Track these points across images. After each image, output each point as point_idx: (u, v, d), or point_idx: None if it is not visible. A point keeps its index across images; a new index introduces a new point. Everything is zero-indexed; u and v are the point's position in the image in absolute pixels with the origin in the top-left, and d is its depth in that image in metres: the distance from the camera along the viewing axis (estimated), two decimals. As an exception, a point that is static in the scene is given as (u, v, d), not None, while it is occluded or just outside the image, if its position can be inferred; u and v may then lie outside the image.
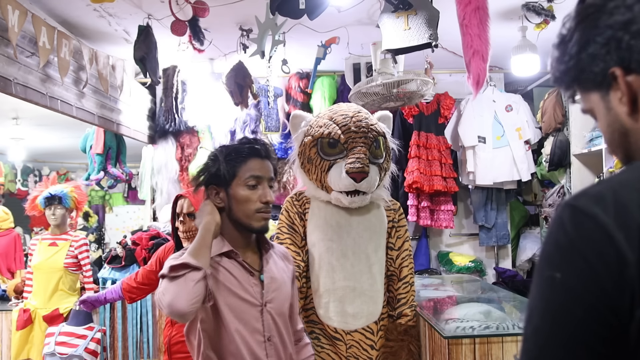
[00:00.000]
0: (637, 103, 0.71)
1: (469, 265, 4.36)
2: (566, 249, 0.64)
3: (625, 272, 0.59)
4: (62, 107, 3.14)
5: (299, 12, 2.75)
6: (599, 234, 0.61)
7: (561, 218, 0.65)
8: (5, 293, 4.02)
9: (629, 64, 0.70)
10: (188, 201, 2.41)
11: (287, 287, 1.65)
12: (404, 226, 2.49)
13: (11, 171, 7.15)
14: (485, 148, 4.27)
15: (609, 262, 0.60)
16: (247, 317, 1.52)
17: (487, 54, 2.64)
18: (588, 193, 0.65)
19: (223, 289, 1.51)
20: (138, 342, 3.72)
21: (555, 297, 0.63)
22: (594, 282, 0.60)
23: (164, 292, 1.37)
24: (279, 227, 2.43)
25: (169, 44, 3.55)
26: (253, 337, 1.52)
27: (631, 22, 0.69)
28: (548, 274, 0.64)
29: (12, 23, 2.41)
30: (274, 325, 1.56)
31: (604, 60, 0.72)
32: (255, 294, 1.54)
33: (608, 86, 0.73)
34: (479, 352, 2.24)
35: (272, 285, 1.59)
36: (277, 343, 1.56)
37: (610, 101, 0.74)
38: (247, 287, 1.54)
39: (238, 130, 4.46)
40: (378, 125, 2.40)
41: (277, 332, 1.57)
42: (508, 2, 3.23)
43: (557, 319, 0.63)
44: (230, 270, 1.54)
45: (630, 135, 0.73)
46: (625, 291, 0.59)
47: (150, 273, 2.60)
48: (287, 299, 1.64)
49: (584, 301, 0.61)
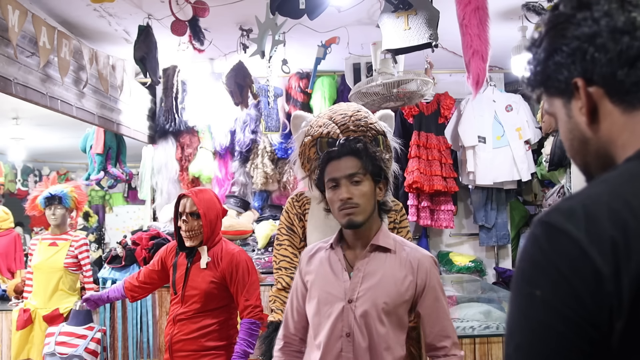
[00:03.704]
0: (597, 114, 0.73)
1: (469, 265, 4.36)
2: (542, 266, 0.64)
3: (603, 287, 0.59)
4: (62, 107, 3.14)
5: (299, 12, 2.75)
6: (573, 250, 0.61)
7: (535, 235, 0.66)
8: (5, 293, 4.02)
9: (591, 76, 0.72)
10: (191, 200, 2.41)
11: (386, 288, 1.60)
12: (406, 227, 2.48)
13: (11, 171, 7.16)
14: (485, 148, 4.27)
15: (585, 278, 0.60)
16: (327, 309, 1.62)
17: (487, 54, 2.64)
18: (560, 209, 0.66)
19: (316, 278, 1.67)
20: (138, 342, 3.72)
21: (535, 314, 0.64)
22: (573, 297, 0.61)
23: None
24: (278, 229, 2.43)
25: (169, 44, 3.55)
26: (332, 330, 1.60)
27: (597, 35, 0.71)
28: (527, 292, 0.65)
29: (12, 23, 2.42)
30: (357, 323, 1.58)
31: (569, 69, 0.74)
32: (341, 289, 1.62)
33: (570, 94, 0.76)
34: (479, 352, 2.24)
35: (362, 284, 1.61)
36: (359, 341, 1.58)
37: (572, 109, 0.76)
38: (335, 280, 1.64)
39: (238, 130, 4.46)
40: (378, 124, 2.39)
41: (360, 332, 1.58)
42: (508, 2, 3.23)
43: (538, 336, 0.63)
44: (328, 262, 1.69)
45: (589, 144, 0.76)
46: (603, 305, 0.59)
47: (152, 272, 2.60)
48: (380, 299, 1.59)
49: (564, 317, 0.61)
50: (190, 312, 2.40)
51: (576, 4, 0.74)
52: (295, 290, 1.78)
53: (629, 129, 0.71)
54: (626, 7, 0.71)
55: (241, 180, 4.49)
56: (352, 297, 1.60)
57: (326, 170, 1.67)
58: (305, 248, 1.84)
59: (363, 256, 1.65)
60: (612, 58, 0.70)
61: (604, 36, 0.71)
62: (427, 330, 1.66)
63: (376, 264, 1.63)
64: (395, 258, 1.65)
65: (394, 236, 1.70)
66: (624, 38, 0.70)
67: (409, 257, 1.66)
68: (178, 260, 2.49)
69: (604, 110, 0.73)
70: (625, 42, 0.70)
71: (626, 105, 0.71)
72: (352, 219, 1.61)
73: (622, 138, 0.72)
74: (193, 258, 2.45)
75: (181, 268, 2.46)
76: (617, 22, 0.70)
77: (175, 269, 2.48)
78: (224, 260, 2.42)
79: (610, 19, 0.71)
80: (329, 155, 1.68)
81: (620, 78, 0.70)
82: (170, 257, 2.55)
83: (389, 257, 1.64)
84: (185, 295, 2.41)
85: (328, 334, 1.60)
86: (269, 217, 4.29)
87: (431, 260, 1.68)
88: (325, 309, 1.62)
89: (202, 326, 2.39)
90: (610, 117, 0.72)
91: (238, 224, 4.07)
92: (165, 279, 2.60)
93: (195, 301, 2.40)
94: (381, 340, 1.59)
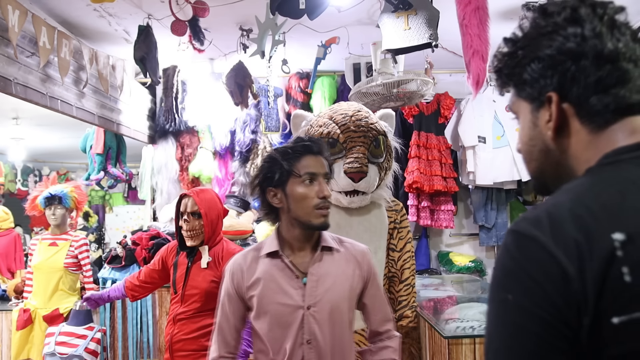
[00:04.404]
0: (564, 130, 0.76)
1: (469, 265, 4.36)
2: (514, 272, 0.67)
3: (570, 285, 0.63)
4: (62, 107, 3.14)
5: (299, 12, 2.75)
6: (541, 253, 0.65)
7: (506, 244, 0.69)
8: (5, 293, 4.02)
9: (566, 93, 0.74)
10: (192, 200, 2.41)
11: (340, 287, 1.59)
12: (406, 227, 2.48)
13: (11, 171, 7.15)
14: (485, 148, 4.27)
15: (553, 278, 0.63)
16: (285, 320, 1.53)
17: (487, 54, 2.63)
18: (527, 218, 0.69)
19: (265, 292, 1.54)
20: (138, 342, 3.72)
21: (511, 317, 0.66)
22: (543, 298, 0.64)
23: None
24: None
25: (169, 44, 3.55)
26: (294, 340, 1.52)
27: (582, 56, 0.73)
28: (501, 297, 0.68)
29: (12, 23, 2.41)
30: (319, 327, 1.54)
31: (545, 80, 0.76)
32: (298, 297, 1.54)
33: (540, 104, 0.78)
34: (479, 352, 2.24)
35: (318, 287, 1.56)
36: (320, 346, 1.54)
37: (539, 118, 0.78)
38: (288, 289, 1.55)
39: (238, 130, 4.46)
40: (378, 124, 2.39)
41: (323, 336, 1.54)
42: (508, 2, 3.23)
43: (515, 338, 0.66)
44: (273, 273, 1.56)
45: (550, 155, 0.79)
46: (572, 303, 0.63)
47: (152, 272, 2.61)
48: (340, 300, 1.59)
49: (537, 318, 0.64)
50: (190, 311, 2.40)
51: (569, 17, 0.75)
52: (226, 306, 1.62)
53: (594, 147, 0.74)
54: (615, 33, 0.73)
55: (241, 180, 4.49)
56: (311, 303, 1.54)
57: (302, 163, 1.54)
58: (232, 261, 1.65)
59: (315, 259, 1.58)
60: (590, 83, 0.73)
61: (588, 59, 0.73)
62: (372, 318, 1.69)
63: (327, 265, 1.60)
64: (341, 255, 1.63)
65: (331, 234, 1.66)
66: (607, 66, 0.72)
67: (352, 251, 1.66)
68: (179, 259, 2.50)
69: (572, 127, 0.76)
70: (607, 70, 0.72)
71: (594, 126, 0.74)
72: (327, 220, 1.56)
73: (586, 155, 0.75)
74: (194, 257, 2.45)
75: (182, 267, 2.46)
76: (604, 47, 0.73)
77: (176, 268, 2.48)
78: (224, 259, 2.42)
79: (599, 42, 0.73)
80: (309, 149, 1.56)
81: (593, 102, 0.73)
82: (171, 257, 2.56)
83: (336, 255, 1.63)
84: (185, 295, 2.41)
85: (291, 344, 1.52)
86: (269, 217, 4.29)
87: (368, 250, 1.70)
88: (283, 321, 1.54)
89: (202, 326, 2.39)
90: (577, 135, 0.76)
91: (238, 224, 4.07)
92: (165, 279, 2.60)
93: (196, 300, 2.40)
94: (343, 340, 1.59)
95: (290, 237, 1.59)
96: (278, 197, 1.55)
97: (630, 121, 0.74)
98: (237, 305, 1.61)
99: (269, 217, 1.63)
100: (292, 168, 1.53)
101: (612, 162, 0.72)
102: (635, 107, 0.74)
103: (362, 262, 1.65)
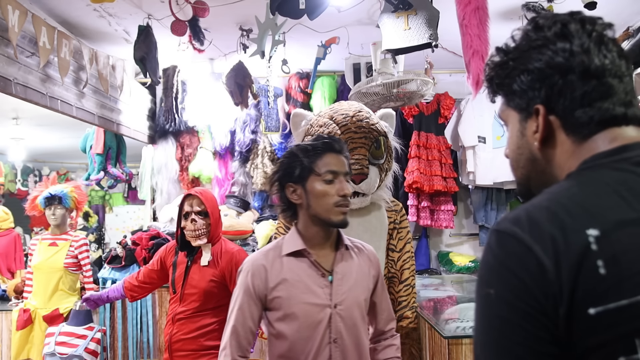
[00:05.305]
0: (550, 140, 0.80)
1: (469, 265, 4.36)
2: (496, 267, 0.71)
3: (546, 277, 0.66)
4: (62, 107, 3.14)
5: (299, 12, 2.75)
6: (520, 248, 0.68)
7: (489, 243, 0.73)
8: (5, 293, 4.02)
9: (553, 106, 0.78)
10: (198, 199, 2.41)
11: (361, 286, 1.61)
12: (406, 227, 2.48)
13: (11, 171, 7.15)
14: (485, 148, 4.26)
15: (532, 271, 0.67)
16: (313, 319, 1.52)
17: (486, 54, 2.63)
18: (507, 218, 0.73)
19: (292, 292, 1.53)
20: (138, 342, 3.71)
21: (494, 311, 0.70)
22: (523, 291, 0.67)
23: None
24: (277, 228, 2.43)
25: (169, 44, 3.54)
26: (318, 339, 1.52)
27: (569, 70, 0.76)
28: (484, 293, 0.71)
29: (12, 23, 2.41)
30: (345, 326, 1.54)
31: (533, 92, 0.79)
32: (325, 296, 1.54)
33: (528, 115, 0.81)
34: (479, 352, 2.24)
35: (343, 286, 1.56)
36: (345, 345, 1.54)
37: (526, 128, 0.82)
38: (314, 288, 1.54)
39: (238, 130, 4.45)
40: (379, 124, 2.39)
41: (347, 334, 1.55)
42: (508, 2, 3.23)
43: (499, 331, 0.69)
44: (299, 272, 1.55)
45: (537, 163, 0.83)
46: (548, 294, 0.66)
47: (151, 272, 2.61)
48: (361, 299, 1.60)
49: (518, 310, 0.67)
50: (189, 311, 2.40)
51: (559, 32, 0.78)
52: (245, 308, 1.56)
53: (576, 157, 0.78)
54: (602, 49, 0.77)
55: (241, 180, 4.49)
56: (337, 301, 1.55)
57: (323, 160, 1.54)
58: (251, 261, 1.59)
59: (338, 258, 1.59)
60: (576, 97, 0.76)
61: (575, 73, 0.76)
62: (378, 317, 1.71)
63: (349, 264, 1.61)
64: (357, 255, 1.65)
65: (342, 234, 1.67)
66: (592, 81, 0.76)
67: (365, 251, 1.69)
68: (178, 259, 2.50)
69: (558, 138, 0.79)
70: (592, 85, 0.76)
71: (577, 137, 0.78)
72: (347, 217, 1.57)
73: (569, 164, 0.79)
74: (194, 256, 2.46)
75: (181, 267, 2.47)
76: (591, 63, 0.76)
77: (175, 268, 2.48)
78: (223, 258, 2.42)
79: (587, 58, 0.76)
80: (330, 147, 1.56)
81: (579, 115, 0.77)
82: (169, 257, 2.56)
83: (353, 254, 1.64)
84: (184, 294, 2.42)
85: (318, 344, 1.52)
86: (269, 217, 4.29)
87: (374, 250, 1.73)
88: (310, 321, 1.52)
89: (201, 325, 2.39)
90: (562, 146, 0.79)
91: (238, 224, 4.07)
92: (164, 279, 2.60)
93: (194, 300, 2.40)
94: (362, 338, 1.60)
95: (310, 235, 1.58)
96: (297, 193, 1.56)
97: (613, 131, 0.77)
98: (257, 306, 1.57)
99: (286, 213, 1.62)
100: (313, 165, 1.53)
101: (590, 167, 0.75)
102: (618, 118, 0.77)
103: (374, 261, 1.68)
